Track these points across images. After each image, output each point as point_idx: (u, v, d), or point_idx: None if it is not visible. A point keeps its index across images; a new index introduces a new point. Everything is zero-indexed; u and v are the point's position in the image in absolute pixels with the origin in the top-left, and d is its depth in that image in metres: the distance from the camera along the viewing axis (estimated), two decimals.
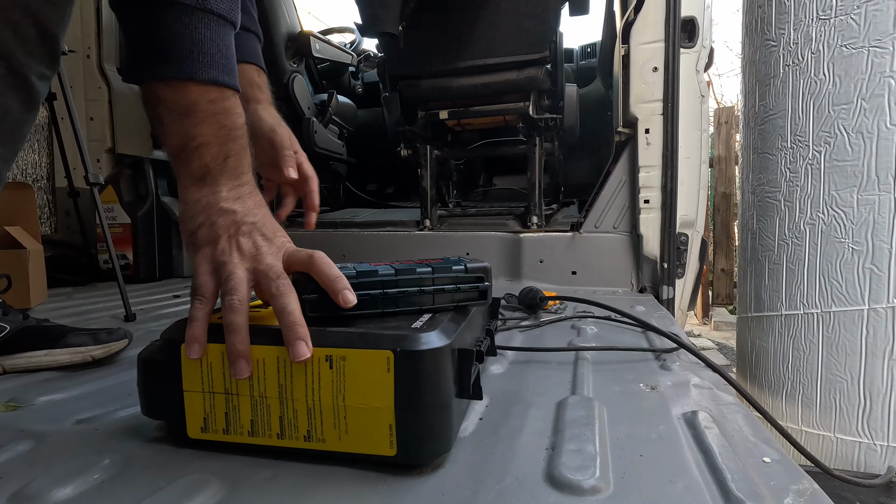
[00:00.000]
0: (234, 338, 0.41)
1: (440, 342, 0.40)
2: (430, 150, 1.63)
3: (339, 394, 0.40)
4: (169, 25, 0.42)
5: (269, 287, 0.43)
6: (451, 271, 0.49)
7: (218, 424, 0.43)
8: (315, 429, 0.41)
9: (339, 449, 0.41)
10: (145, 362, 0.45)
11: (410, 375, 0.39)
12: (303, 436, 0.42)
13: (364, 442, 0.40)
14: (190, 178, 0.45)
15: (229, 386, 0.42)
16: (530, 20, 1.36)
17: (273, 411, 0.42)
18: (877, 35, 0.99)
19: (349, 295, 0.42)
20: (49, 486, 0.39)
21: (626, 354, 0.75)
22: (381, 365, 0.39)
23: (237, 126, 0.46)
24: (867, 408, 1.03)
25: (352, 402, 0.40)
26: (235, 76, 0.46)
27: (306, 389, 0.41)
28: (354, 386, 0.40)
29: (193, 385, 0.43)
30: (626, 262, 1.39)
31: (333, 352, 0.40)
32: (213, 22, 0.44)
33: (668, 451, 0.44)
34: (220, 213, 0.45)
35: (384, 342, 0.39)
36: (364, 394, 0.39)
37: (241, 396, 0.42)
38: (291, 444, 0.42)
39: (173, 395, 0.43)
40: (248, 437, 0.43)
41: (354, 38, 2.49)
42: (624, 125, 1.36)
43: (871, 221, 1.01)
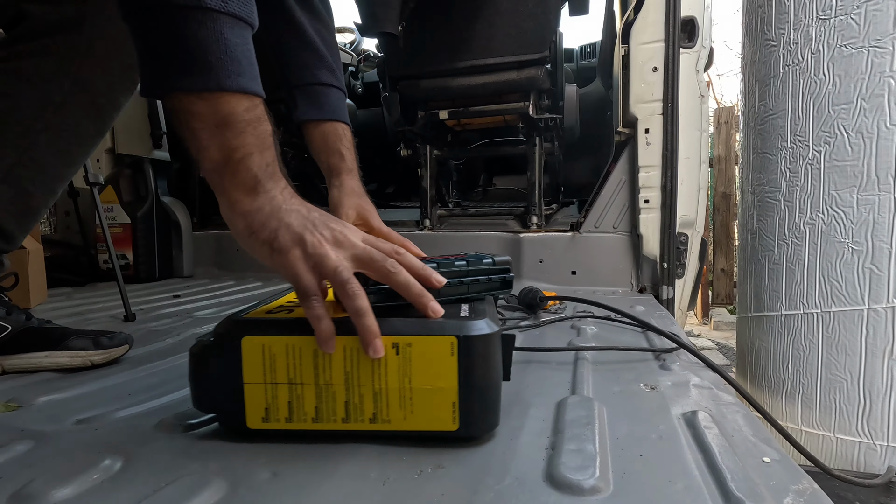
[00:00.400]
0: (366, 320, 0.43)
1: (493, 328, 0.44)
2: (430, 150, 1.63)
3: (406, 377, 0.44)
4: (195, 33, 0.41)
5: (378, 269, 0.45)
6: (483, 264, 0.54)
7: (280, 413, 0.45)
8: (381, 411, 0.44)
9: (403, 428, 0.45)
10: (198, 357, 0.46)
11: (471, 358, 0.43)
12: (368, 418, 0.45)
13: (429, 420, 0.44)
14: (241, 190, 0.44)
15: (293, 376, 0.44)
16: (530, 20, 1.36)
17: (339, 397, 0.44)
18: (877, 35, 0.99)
19: (441, 277, 0.48)
20: (49, 486, 0.39)
21: (626, 354, 0.75)
22: (445, 349, 0.43)
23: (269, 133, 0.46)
24: (867, 408, 1.03)
25: (418, 384, 0.44)
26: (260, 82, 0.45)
27: (373, 375, 0.44)
28: (420, 369, 0.44)
29: (254, 377, 0.44)
30: (626, 261, 1.39)
31: (400, 339, 0.44)
32: (236, 26, 0.42)
33: (667, 450, 0.44)
34: (290, 214, 0.44)
35: (447, 329, 0.43)
36: (430, 376, 0.44)
37: (305, 385, 0.44)
38: (356, 427, 0.45)
39: (230, 387, 0.45)
40: (312, 423, 0.45)
41: (354, 38, 2.49)
42: (624, 125, 1.36)
43: (870, 221, 1.01)
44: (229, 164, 0.43)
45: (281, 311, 0.49)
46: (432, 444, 0.46)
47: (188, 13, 0.40)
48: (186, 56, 0.41)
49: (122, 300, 1.08)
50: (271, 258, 0.44)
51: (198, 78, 0.41)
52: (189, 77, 0.41)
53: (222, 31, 0.41)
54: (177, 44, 0.41)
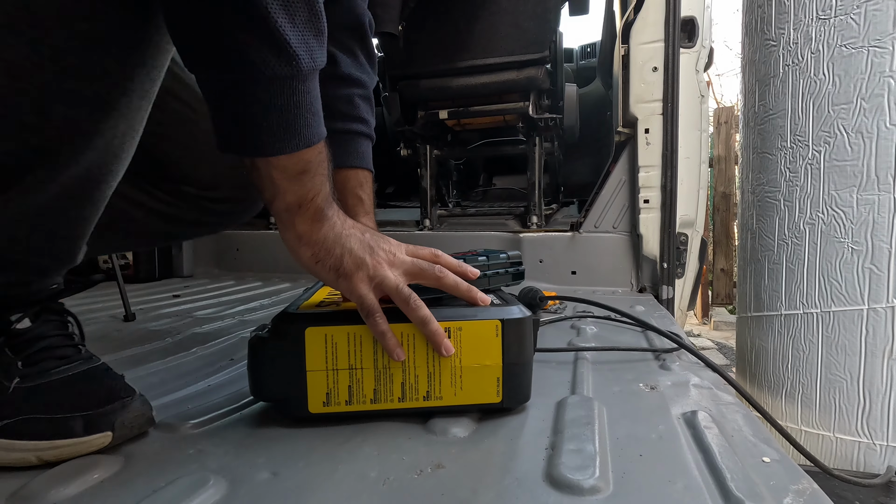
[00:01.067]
0: (432, 326, 0.48)
1: (526, 313, 0.51)
2: (430, 149, 1.63)
3: (457, 357, 0.49)
4: (287, 101, 0.41)
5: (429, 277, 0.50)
6: (499, 258, 0.60)
7: (341, 397, 0.49)
8: (434, 389, 0.50)
9: (454, 403, 0.50)
10: (258, 349, 0.49)
11: (512, 338, 0.50)
12: (422, 396, 0.50)
13: (476, 394, 0.50)
14: (308, 222, 0.47)
15: (354, 362, 0.49)
16: (530, 20, 1.36)
17: (396, 379, 0.49)
18: (876, 35, 0.99)
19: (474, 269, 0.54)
20: (49, 486, 0.39)
21: (626, 354, 0.75)
22: (491, 332, 0.50)
23: (329, 165, 0.48)
24: (867, 407, 1.03)
25: (467, 362, 0.50)
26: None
27: (427, 357, 0.49)
28: (470, 350, 0.49)
29: (317, 365, 0.48)
30: (626, 261, 1.39)
31: (451, 325, 0.49)
32: (316, 77, 0.43)
33: (667, 450, 0.44)
34: (350, 240, 0.48)
35: (492, 314, 0.50)
36: (478, 355, 0.50)
37: (364, 370, 0.49)
38: (412, 405, 0.50)
39: (292, 375, 0.48)
40: (371, 404, 0.49)
41: None
42: (624, 125, 1.36)
43: (870, 221, 1.01)
44: (303, 205, 0.46)
45: (330, 304, 0.53)
46: (432, 444, 0.46)
47: (282, 83, 0.40)
48: (279, 123, 0.41)
49: (122, 300, 1.08)
50: (337, 282, 0.48)
51: (290, 142, 0.42)
52: (280, 142, 0.42)
53: (310, 90, 0.42)
54: (268, 112, 0.41)
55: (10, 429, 0.44)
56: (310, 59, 0.40)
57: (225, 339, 0.87)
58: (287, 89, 0.41)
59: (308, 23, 0.40)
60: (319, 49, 0.41)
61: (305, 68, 0.40)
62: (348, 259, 0.48)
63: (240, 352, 0.79)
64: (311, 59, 0.41)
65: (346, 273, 0.48)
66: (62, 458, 0.43)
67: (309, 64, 0.41)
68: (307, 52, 0.40)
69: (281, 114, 0.41)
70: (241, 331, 0.92)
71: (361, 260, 0.48)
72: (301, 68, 0.40)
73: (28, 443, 0.43)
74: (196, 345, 0.82)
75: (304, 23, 0.39)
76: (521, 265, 0.62)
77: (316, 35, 0.41)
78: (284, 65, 0.39)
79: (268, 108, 0.41)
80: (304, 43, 0.40)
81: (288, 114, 0.41)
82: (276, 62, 0.39)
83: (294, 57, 0.39)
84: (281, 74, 0.40)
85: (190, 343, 0.84)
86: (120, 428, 0.45)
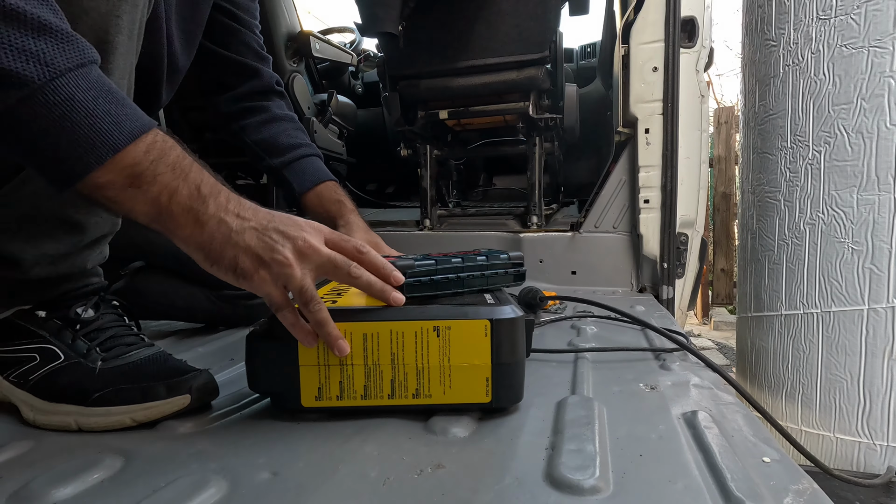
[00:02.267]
0: (328, 328, 0.47)
1: (518, 313, 0.51)
2: (430, 149, 1.63)
3: (445, 356, 0.49)
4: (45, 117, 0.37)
5: (341, 275, 0.47)
6: (500, 259, 0.60)
7: (332, 392, 0.50)
8: (423, 387, 0.50)
9: (442, 401, 0.50)
10: (255, 344, 0.50)
11: (501, 338, 0.49)
12: (411, 394, 0.50)
13: (465, 393, 0.50)
14: (185, 226, 0.43)
15: (344, 358, 0.49)
16: (530, 20, 1.35)
17: (385, 376, 0.50)
18: (877, 35, 0.99)
19: (399, 275, 0.51)
20: (49, 486, 0.39)
21: (626, 354, 0.75)
22: (479, 331, 0.49)
23: (181, 155, 0.44)
24: (867, 408, 1.03)
25: (456, 361, 0.50)
26: (139, 110, 0.43)
27: (416, 355, 0.49)
28: (458, 349, 0.49)
29: (309, 360, 0.49)
30: (626, 261, 1.39)
31: (440, 323, 0.49)
32: (79, 79, 0.38)
33: (667, 451, 0.44)
34: (243, 235, 0.44)
35: (481, 314, 0.50)
36: (466, 354, 0.49)
37: (355, 366, 0.49)
38: (401, 402, 0.50)
39: (286, 370, 0.49)
40: (361, 400, 0.50)
41: (354, 38, 2.48)
42: (624, 125, 1.35)
43: (870, 221, 1.01)
44: (162, 211, 0.42)
45: (327, 300, 0.53)
46: (432, 444, 0.46)
47: (24, 108, 0.36)
48: (55, 145, 0.37)
49: None
50: (238, 282, 0.45)
51: (85, 157, 0.38)
52: (79, 162, 0.38)
53: (72, 98, 0.37)
54: (37, 140, 0.37)
55: (104, 398, 0.50)
56: (41, 68, 0.36)
57: (225, 338, 0.87)
58: (36, 109, 0.36)
59: (21, 30, 0.35)
60: (55, 48, 0.36)
61: (41, 79, 0.35)
62: (244, 258, 0.44)
63: (240, 351, 0.78)
64: (42, 67, 0.35)
65: (245, 273, 0.44)
66: (151, 418, 0.50)
67: (43, 73, 0.36)
68: (33, 62, 0.35)
69: (49, 135, 0.37)
70: (241, 330, 0.92)
71: (259, 258, 0.44)
72: (33, 82, 0.35)
73: (122, 407, 0.50)
74: (196, 344, 0.82)
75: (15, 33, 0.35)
76: (522, 266, 0.62)
77: (39, 34, 0.36)
78: (7, 91, 0.35)
79: (34, 136, 0.37)
80: (23, 57, 0.35)
81: (60, 132, 0.37)
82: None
83: (12, 78, 0.35)
84: (9, 102, 0.35)
85: (190, 342, 0.84)
86: (196, 391, 0.52)
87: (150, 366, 0.54)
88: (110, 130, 0.39)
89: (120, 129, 0.39)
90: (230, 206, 0.44)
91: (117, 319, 0.58)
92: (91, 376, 0.52)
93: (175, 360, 0.56)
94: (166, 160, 0.42)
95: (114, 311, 0.59)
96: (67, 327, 0.55)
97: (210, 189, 0.44)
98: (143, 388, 0.50)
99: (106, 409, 0.50)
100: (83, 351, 0.54)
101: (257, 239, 0.44)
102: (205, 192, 0.43)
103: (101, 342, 0.55)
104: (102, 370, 0.52)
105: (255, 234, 0.44)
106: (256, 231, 0.44)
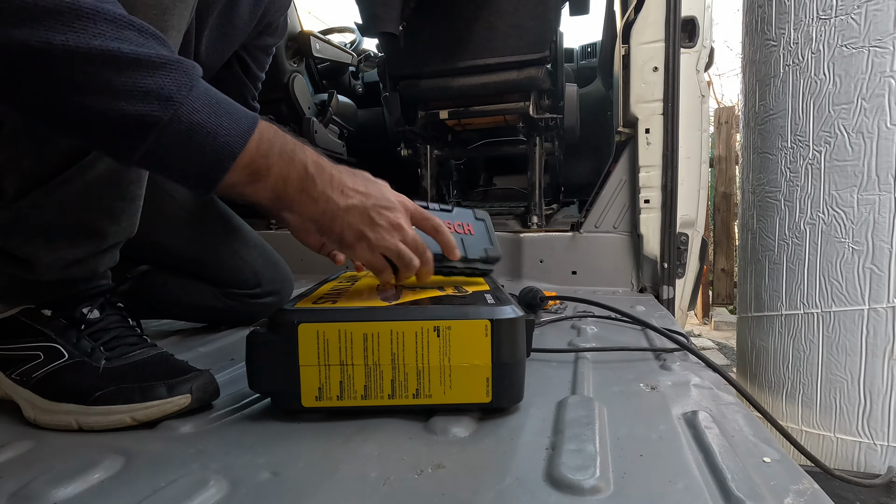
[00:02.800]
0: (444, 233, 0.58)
1: (518, 313, 0.51)
2: (430, 149, 1.63)
3: (445, 356, 0.50)
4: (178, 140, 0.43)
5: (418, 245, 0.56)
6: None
7: (332, 392, 0.50)
8: (423, 387, 0.50)
9: (443, 402, 0.50)
10: (255, 344, 0.50)
11: (502, 338, 0.50)
12: (412, 394, 0.50)
13: (465, 393, 0.50)
14: (300, 205, 0.49)
15: (345, 358, 0.49)
16: (530, 20, 1.35)
17: (385, 376, 0.50)
18: (877, 35, 0.99)
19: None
20: (49, 486, 0.39)
21: (626, 354, 0.75)
22: (480, 331, 0.49)
23: (289, 142, 0.49)
24: (867, 408, 1.03)
25: (456, 361, 0.50)
26: (246, 111, 0.47)
27: (416, 355, 0.49)
28: (458, 349, 0.50)
29: (309, 360, 0.49)
30: (627, 261, 1.39)
31: (440, 323, 0.49)
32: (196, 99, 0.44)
33: (668, 451, 0.44)
34: (349, 213, 0.51)
35: (482, 314, 0.50)
36: (467, 354, 0.50)
37: (355, 366, 0.49)
38: (401, 402, 0.50)
39: (286, 370, 0.49)
40: (361, 400, 0.50)
41: (354, 38, 2.48)
42: (624, 125, 1.35)
43: (871, 221, 1.01)
44: (281, 196, 0.48)
45: (327, 300, 0.54)
46: (432, 444, 0.46)
47: (161, 141, 0.41)
48: (190, 162, 0.43)
49: None
50: (342, 250, 0.54)
51: (214, 168, 0.44)
52: (210, 173, 0.44)
53: (192, 123, 0.42)
54: (175, 162, 0.43)
55: (105, 397, 0.51)
56: (165, 105, 0.40)
57: (225, 338, 0.87)
58: (169, 140, 0.41)
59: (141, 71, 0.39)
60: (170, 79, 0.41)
61: (167, 114, 0.40)
62: (348, 233, 0.51)
63: (240, 351, 0.78)
64: (165, 104, 0.40)
65: (349, 245, 0.52)
66: (151, 417, 0.50)
67: (167, 109, 0.40)
68: (157, 101, 0.40)
69: (182, 157, 0.43)
70: (242, 330, 0.92)
71: (361, 233, 0.52)
72: (162, 120, 0.40)
73: (122, 406, 0.50)
74: (197, 344, 0.82)
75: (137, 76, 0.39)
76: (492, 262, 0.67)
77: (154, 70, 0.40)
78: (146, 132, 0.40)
79: (171, 161, 0.43)
80: (148, 98, 0.40)
81: (190, 154, 0.42)
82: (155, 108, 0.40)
83: (147, 119, 0.40)
84: (149, 141, 0.41)
85: (190, 342, 0.84)
86: (196, 391, 0.52)
87: (152, 366, 0.54)
88: (227, 142, 0.44)
89: (234, 136, 0.44)
90: (334, 183, 0.50)
91: (121, 321, 0.59)
92: (94, 375, 0.52)
93: (176, 360, 0.57)
94: (274, 150, 0.47)
95: (118, 312, 0.59)
96: (72, 327, 0.55)
97: (315, 168, 0.49)
98: (144, 387, 0.51)
99: (106, 408, 0.50)
100: (88, 350, 0.54)
101: (360, 217, 0.51)
102: (311, 171, 0.49)
103: (105, 342, 0.55)
104: (105, 369, 0.53)
105: (357, 213, 0.51)
106: (359, 210, 0.51)
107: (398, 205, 0.54)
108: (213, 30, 0.68)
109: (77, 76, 0.37)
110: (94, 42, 0.37)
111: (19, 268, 0.54)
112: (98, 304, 0.57)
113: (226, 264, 0.88)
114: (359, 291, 0.59)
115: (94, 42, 0.37)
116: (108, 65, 0.38)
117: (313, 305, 0.51)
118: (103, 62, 0.38)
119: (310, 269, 1.42)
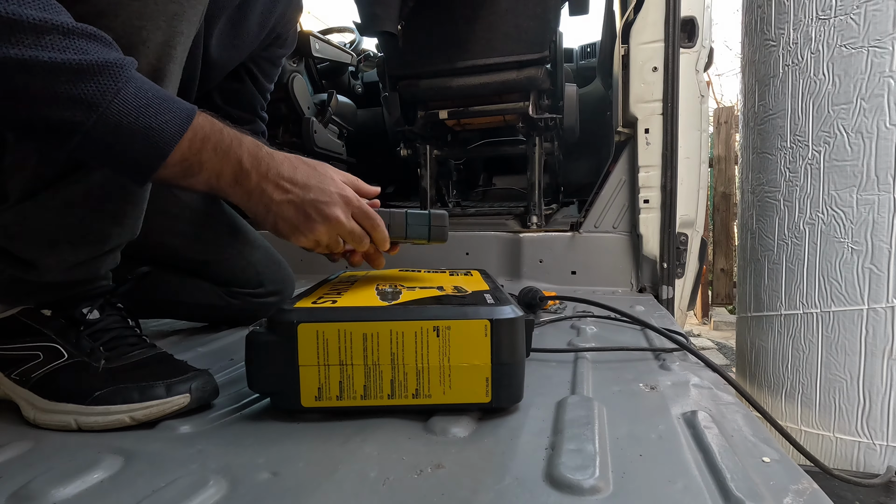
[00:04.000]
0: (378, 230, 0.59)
1: (518, 313, 0.51)
2: (430, 149, 1.63)
3: (445, 356, 0.50)
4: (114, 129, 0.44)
5: (354, 244, 0.59)
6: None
7: (332, 392, 0.50)
8: (423, 387, 0.50)
9: (442, 401, 0.50)
10: (255, 344, 0.50)
11: (502, 338, 0.50)
12: (411, 394, 0.50)
13: (465, 393, 0.50)
14: (234, 196, 0.51)
15: (344, 358, 0.49)
16: (530, 20, 1.35)
17: (385, 376, 0.50)
18: (876, 35, 0.99)
19: None
20: (49, 486, 0.39)
21: (626, 354, 0.75)
22: (479, 331, 0.49)
23: (229, 138, 0.50)
24: (866, 407, 1.03)
25: (456, 361, 0.50)
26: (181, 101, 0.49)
27: (416, 355, 0.50)
28: (458, 349, 0.50)
29: (309, 360, 0.49)
30: (626, 261, 1.39)
31: (440, 323, 0.49)
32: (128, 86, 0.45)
33: (667, 450, 0.44)
34: (281, 206, 0.53)
35: (481, 314, 0.50)
36: (466, 354, 0.50)
37: (355, 366, 0.49)
38: (401, 402, 0.50)
39: (286, 370, 0.49)
40: (361, 400, 0.50)
41: (354, 38, 2.48)
42: (623, 125, 1.35)
43: (870, 221, 1.01)
44: (214, 188, 0.50)
45: (327, 300, 0.54)
46: (432, 444, 0.46)
47: (86, 144, 0.42)
48: (121, 158, 0.44)
49: None
50: (281, 238, 0.56)
51: (144, 163, 0.45)
52: (140, 169, 0.45)
53: (119, 125, 0.42)
54: (106, 160, 0.45)
55: (104, 397, 0.51)
56: (87, 111, 0.41)
57: (225, 338, 0.87)
58: (95, 142, 0.43)
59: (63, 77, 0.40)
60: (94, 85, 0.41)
61: (90, 120, 0.41)
62: (283, 225, 0.54)
63: (239, 351, 0.79)
64: (87, 109, 0.41)
65: (284, 235, 0.55)
66: (151, 417, 0.50)
67: (89, 115, 0.41)
68: (81, 108, 0.41)
69: (111, 155, 0.44)
70: (241, 330, 0.92)
71: (295, 227, 0.54)
72: (84, 125, 0.41)
73: (122, 406, 0.50)
74: (196, 344, 0.82)
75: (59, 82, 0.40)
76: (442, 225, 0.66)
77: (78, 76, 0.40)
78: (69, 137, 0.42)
79: (102, 158, 0.45)
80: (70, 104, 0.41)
81: (118, 152, 0.44)
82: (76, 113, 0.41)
83: (68, 126, 0.41)
84: (73, 145, 0.42)
85: (190, 342, 0.84)
86: (195, 391, 0.52)
87: (151, 365, 0.55)
88: (156, 142, 0.44)
89: (164, 136, 0.45)
90: (270, 175, 0.51)
91: (121, 321, 0.59)
92: (93, 375, 0.52)
93: (175, 360, 0.57)
94: (208, 146, 0.47)
95: (118, 312, 0.60)
96: (72, 327, 0.55)
97: (251, 161, 0.50)
98: (143, 387, 0.51)
99: (106, 408, 0.50)
100: (87, 350, 0.54)
101: (294, 211, 0.53)
102: (246, 165, 0.50)
103: (104, 342, 0.55)
104: (105, 369, 0.53)
105: (292, 208, 0.52)
106: (294, 205, 0.52)
107: (337, 198, 0.55)
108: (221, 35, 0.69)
109: None
110: (10, 51, 0.38)
111: (21, 268, 0.54)
112: (98, 305, 0.57)
113: (231, 265, 0.88)
114: (358, 291, 0.59)
115: (11, 51, 0.38)
116: (26, 72, 0.39)
117: (313, 305, 0.51)
118: (19, 70, 0.39)
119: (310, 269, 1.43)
